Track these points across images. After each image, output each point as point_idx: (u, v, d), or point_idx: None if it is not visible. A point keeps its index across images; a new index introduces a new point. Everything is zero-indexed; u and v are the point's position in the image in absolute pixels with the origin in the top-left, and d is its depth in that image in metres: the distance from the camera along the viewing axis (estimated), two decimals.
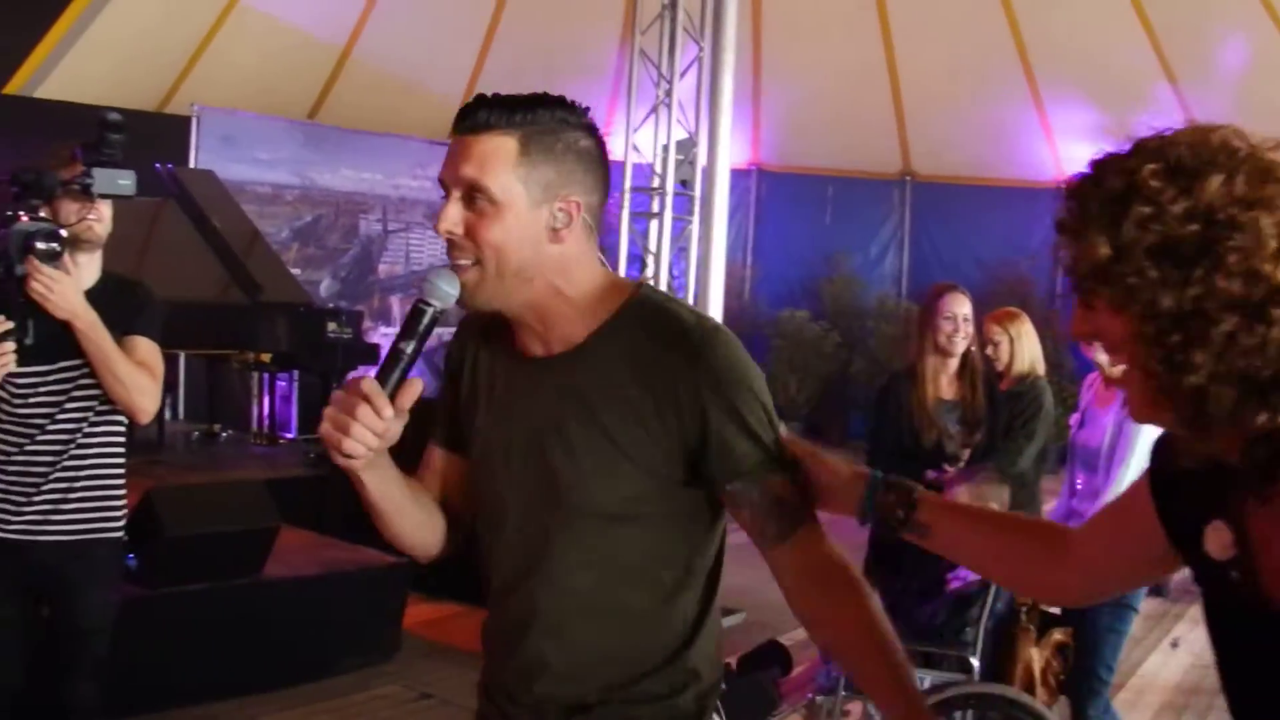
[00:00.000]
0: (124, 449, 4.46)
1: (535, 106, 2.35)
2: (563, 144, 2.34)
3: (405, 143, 16.52)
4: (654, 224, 8.96)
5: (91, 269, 4.35)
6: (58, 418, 4.25)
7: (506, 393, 2.50)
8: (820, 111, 17.13)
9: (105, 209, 4.25)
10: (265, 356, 12.23)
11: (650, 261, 8.97)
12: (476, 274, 2.32)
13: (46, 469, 4.25)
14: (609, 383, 2.38)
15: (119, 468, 4.43)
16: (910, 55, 16.74)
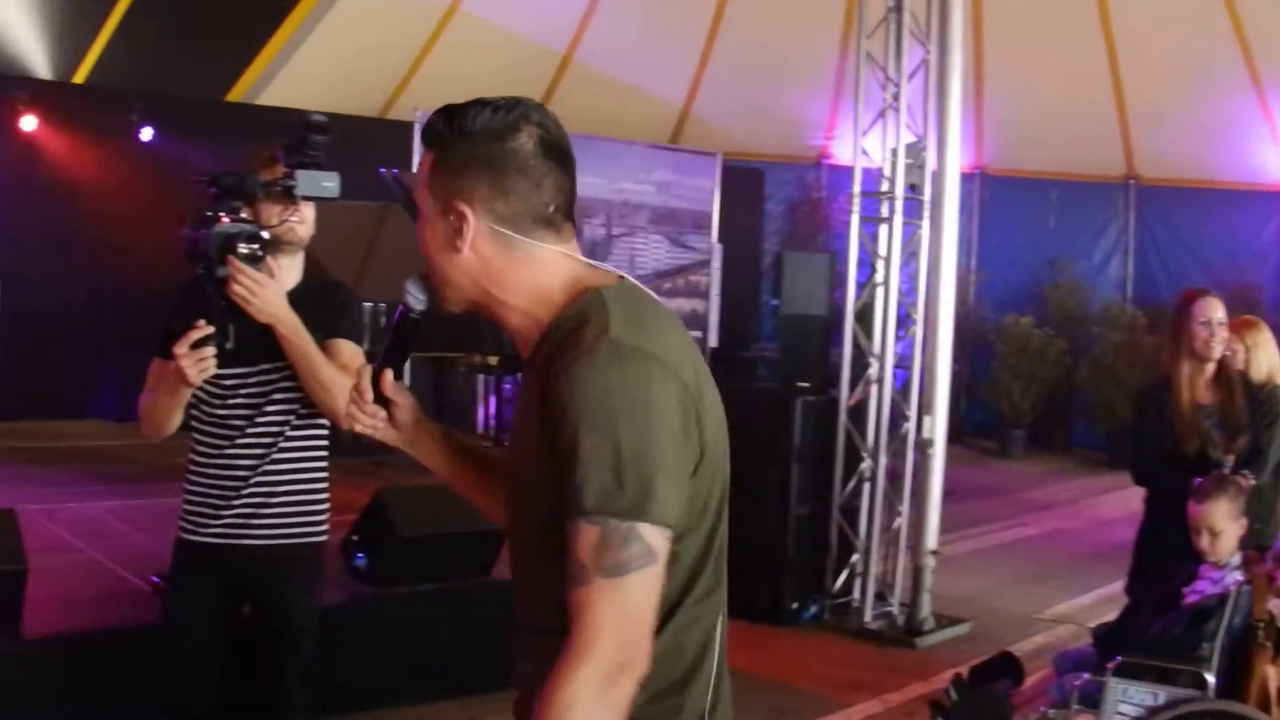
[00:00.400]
0: (327, 454, 4.43)
1: (450, 117, 2.38)
2: (461, 153, 2.35)
3: (629, 148, 16.57)
4: (883, 229, 8.89)
5: (293, 271, 4.32)
6: (257, 420, 4.22)
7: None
8: (1042, 113, 16.82)
9: (308, 211, 4.24)
10: (491, 359, 12.34)
11: (880, 267, 8.90)
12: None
13: (247, 473, 4.22)
14: (529, 398, 2.35)
15: (321, 472, 4.41)
16: (1133, 55, 16.36)
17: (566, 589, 2.15)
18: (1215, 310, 6.04)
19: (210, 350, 3.90)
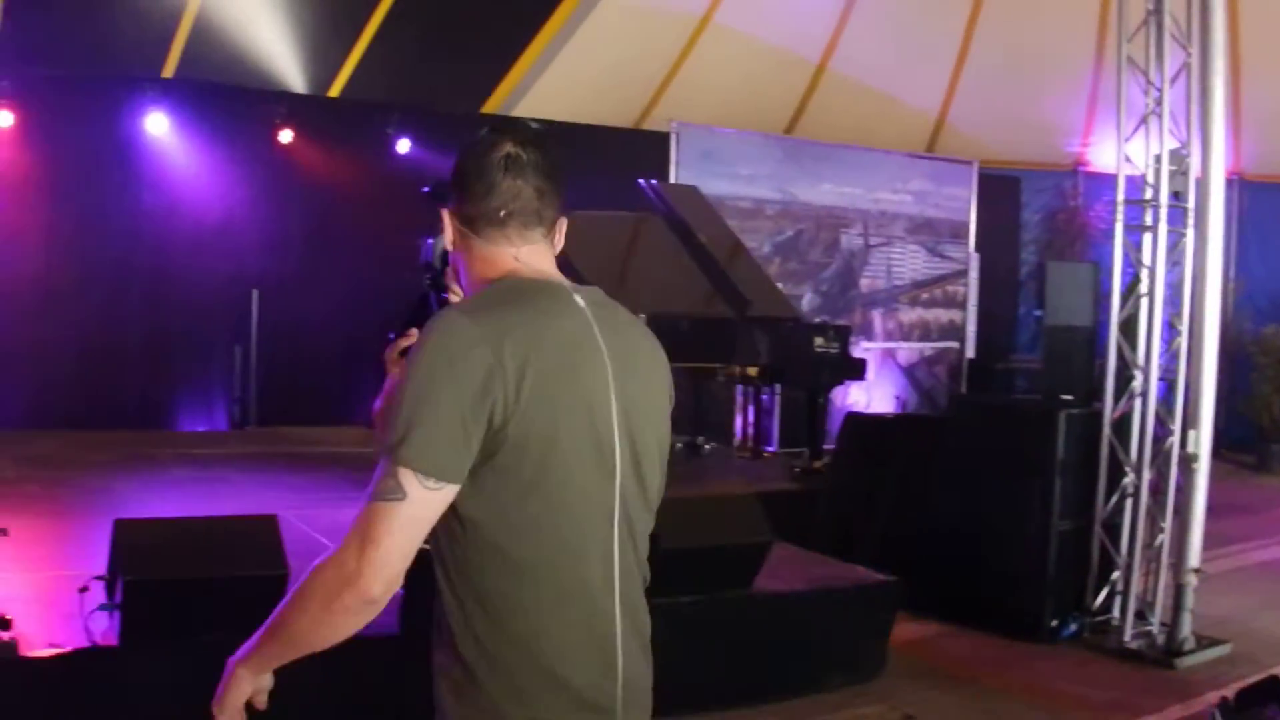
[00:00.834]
0: None
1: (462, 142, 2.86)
2: (455, 166, 2.81)
3: (885, 157, 16.51)
4: (1147, 237, 8.69)
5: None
6: None
7: None
8: None
9: None
10: (752, 370, 12.37)
11: (1144, 276, 8.71)
12: None
13: None
14: None
15: None
16: None
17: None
18: None
19: None
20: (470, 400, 2.46)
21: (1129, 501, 8.77)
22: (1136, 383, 8.78)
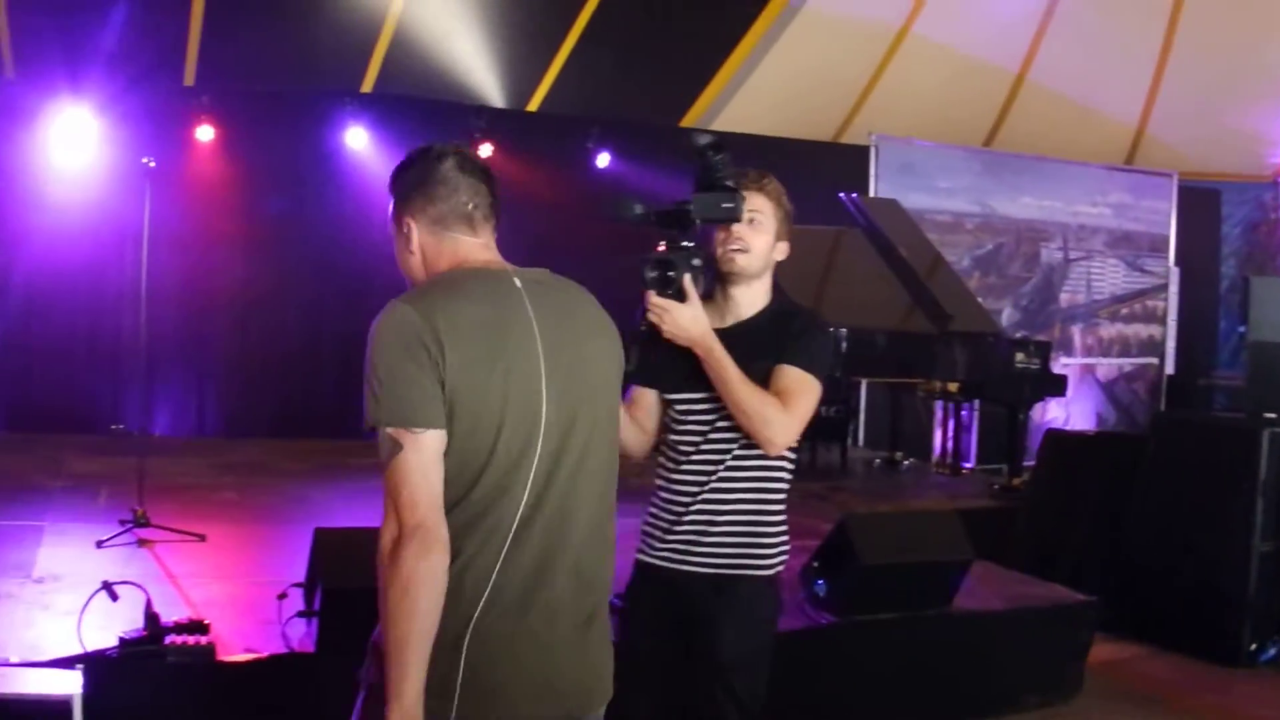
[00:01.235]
0: (782, 485, 4.25)
1: (395, 169, 3.32)
2: (403, 183, 3.27)
3: (1084, 169, 16.41)
4: None
5: (751, 299, 4.27)
6: (702, 447, 4.17)
7: None
8: None
9: (756, 238, 4.20)
10: (952, 386, 12.40)
11: None
12: None
13: (689, 499, 4.17)
14: None
15: (772, 505, 4.22)
16: None
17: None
18: None
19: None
20: (423, 366, 2.89)
21: None
22: None
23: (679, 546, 4.18)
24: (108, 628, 5.61)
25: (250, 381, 13.47)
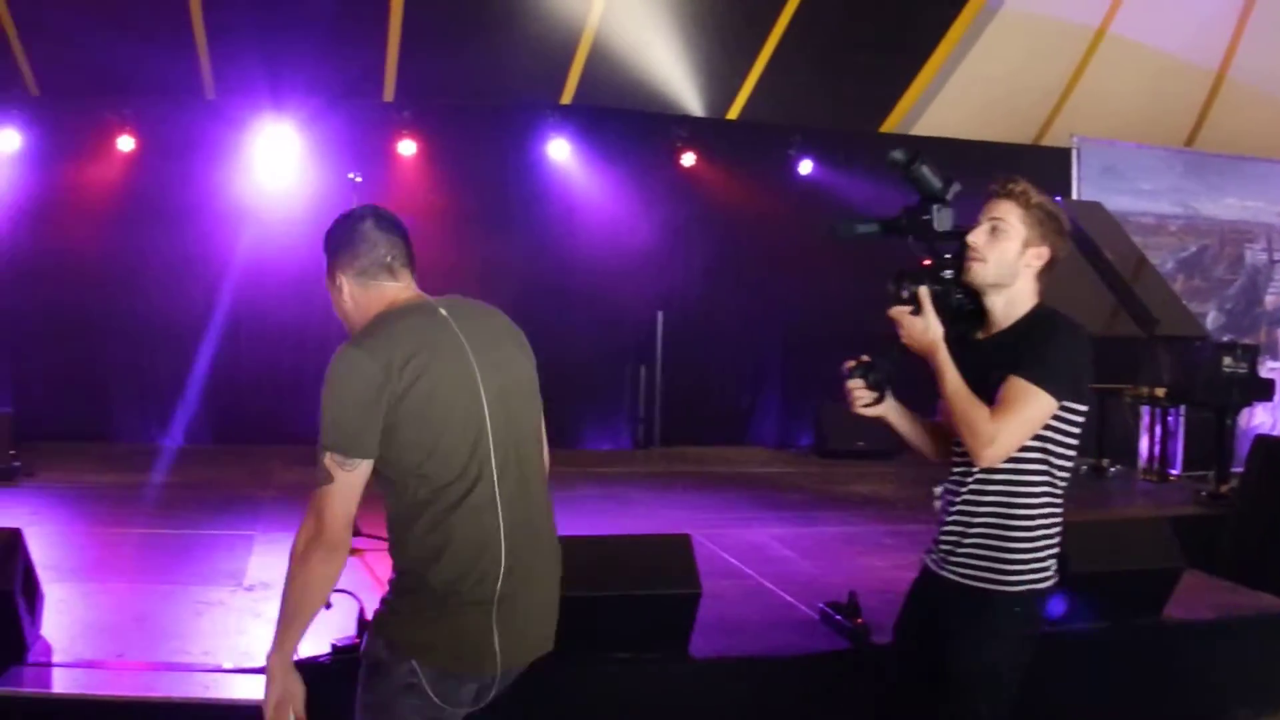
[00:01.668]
0: (1032, 501, 4.11)
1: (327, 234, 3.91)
2: (331, 245, 3.86)
3: None
4: None
5: (1003, 308, 4.19)
6: (955, 458, 4.25)
7: None
8: None
9: (995, 246, 4.15)
10: (1159, 391, 12.12)
11: None
12: None
13: (952, 509, 4.20)
14: None
15: (1018, 519, 4.10)
16: None
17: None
18: None
19: (857, 381, 4.21)
20: (367, 403, 3.48)
21: None
22: None
23: (942, 552, 4.24)
24: (320, 635, 5.68)
25: None
